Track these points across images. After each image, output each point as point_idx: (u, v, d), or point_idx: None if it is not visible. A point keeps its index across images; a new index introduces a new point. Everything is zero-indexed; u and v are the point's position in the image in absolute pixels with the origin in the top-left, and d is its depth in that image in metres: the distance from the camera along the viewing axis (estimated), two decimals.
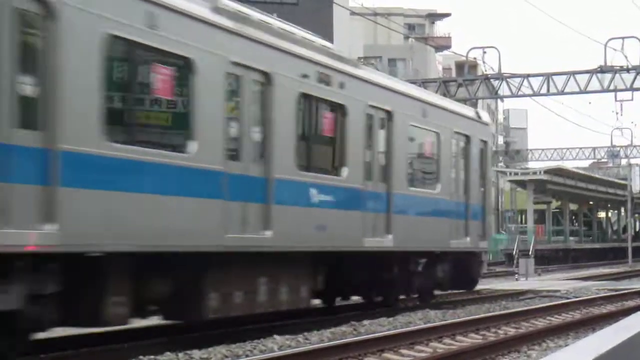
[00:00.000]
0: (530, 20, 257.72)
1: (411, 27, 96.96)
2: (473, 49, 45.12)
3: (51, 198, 11.18)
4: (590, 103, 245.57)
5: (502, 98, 46.57)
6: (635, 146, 78.42)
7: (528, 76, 42.05)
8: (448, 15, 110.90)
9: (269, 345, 15.23)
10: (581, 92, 41.46)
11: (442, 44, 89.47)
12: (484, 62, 46.69)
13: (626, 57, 41.04)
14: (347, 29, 68.38)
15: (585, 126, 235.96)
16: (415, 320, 20.06)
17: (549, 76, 41.69)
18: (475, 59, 48.26)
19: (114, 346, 14.63)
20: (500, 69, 42.47)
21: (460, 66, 75.04)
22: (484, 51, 45.92)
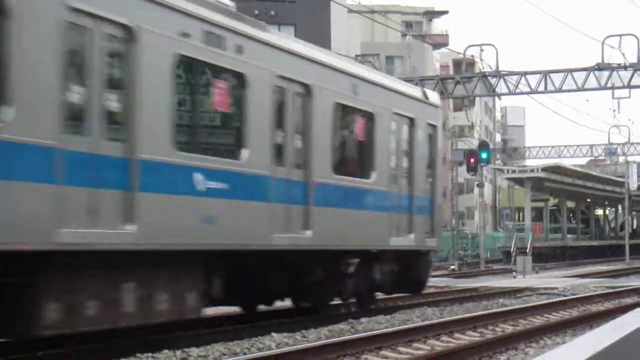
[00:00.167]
0: (528, 17, 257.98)
1: (409, 24, 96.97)
2: (470, 46, 45.57)
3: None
4: (587, 100, 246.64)
5: (499, 96, 46.53)
6: (633, 143, 78.36)
7: (525, 74, 42.04)
8: (445, 12, 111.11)
9: (266, 343, 15.23)
10: (579, 89, 41.46)
11: (440, 42, 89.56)
12: (481, 60, 46.74)
13: (623, 54, 41.08)
14: (345, 26, 68.38)
15: (583, 124, 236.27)
16: (413, 317, 20.11)
17: (546, 74, 41.68)
18: (472, 56, 48.35)
19: (113, 343, 14.62)
20: (497, 66, 42.47)
21: (457, 64, 75.16)
22: (482, 49, 45.97)
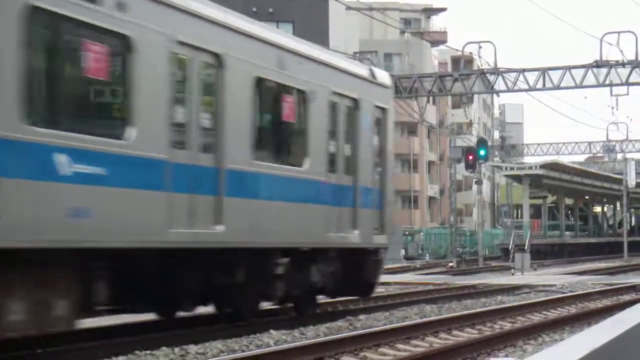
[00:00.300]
0: (526, 15, 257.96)
1: (407, 21, 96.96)
2: (469, 43, 45.15)
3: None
4: (586, 98, 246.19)
5: (498, 93, 46.42)
6: (631, 141, 78.54)
7: (524, 71, 42.03)
8: (444, 10, 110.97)
9: (265, 340, 15.24)
10: (577, 86, 41.45)
11: (438, 39, 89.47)
12: (479, 57, 46.78)
13: (622, 51, 41.08)
14: (343, 23, 68.36)
15: (581, 121, 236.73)
16: (412, 315, 20.13)
17: (544, 71, 41.68)
18: (471, 53, 48.31)
19: (111, 341, 14.62)
20: (496, 63, 42.45)
21: (456, 61, 75.06)
22: (480, 46, 45.99)
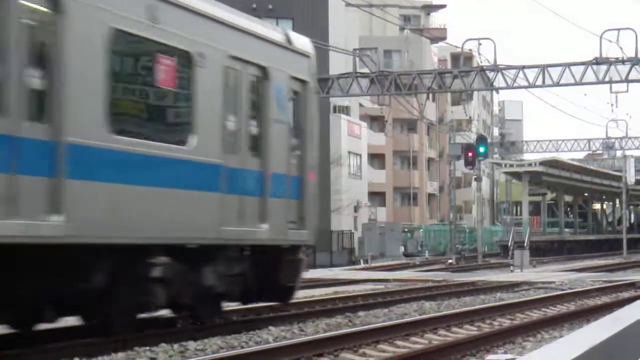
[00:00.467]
0: (526, 11, 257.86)
1: (407, 18, 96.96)
2: (468, 40, 45.28)
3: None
4: (585, 95, 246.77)
5: (497, 90, 46.37)
6: (630, 138, 78.49)
7: (523, 68, 41.98)
8: (443, 6, 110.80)
9: (264, 337, 15.24)
10: (576, 83, 41.40)
11: (438, 36, 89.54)
12: (479, 54, 46.76)
13: (621, 48, 41.01)
14: (343, 20, 68.30)
15: (581, 118, 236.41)
16: (411, 311, 20.13)
17: (544, 68, 41.63)
18: (470, 50, 48.31)
19: (109, 338, 14.60)
20: (495, 60, 42.38)
21: (455, 58, 75.08)
22: (480, 43, 45.98)
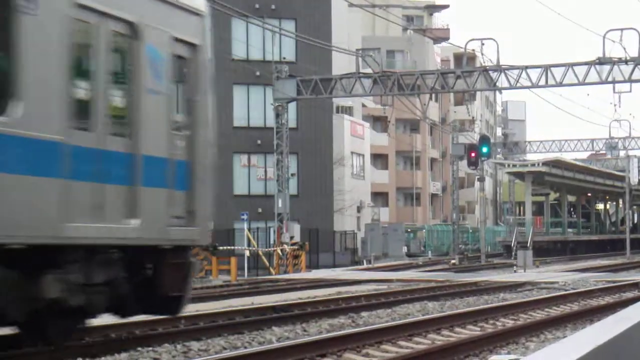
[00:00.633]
0: (529, 11, 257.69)
1: (409, 18, 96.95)
2: (471, 40, 45.04)
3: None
4: (588, 95, 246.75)
5: (500, 90, 46.43)
6: (634, 138, 78.34)
7: (526, 68, 41.96)
8: (446, 7, 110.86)
9: (267, 337, 15.24)
10: (580, 83, 41.38)
11: (441, 36, 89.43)
12: (482, 54, 46.64)
13: (625, 48, 40.97)
14: (346, 20, 68.33)
15: (584, 118, 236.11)
16: (414, 312, 20.12)
17: (547, 68, 41.60)
18: (473, 50, 48.19)
19: (113, 338, 14.63)
20: (498, 60, 42.35)
21: (458, 58, 75.09)
22: (482, 43, 45.83)
